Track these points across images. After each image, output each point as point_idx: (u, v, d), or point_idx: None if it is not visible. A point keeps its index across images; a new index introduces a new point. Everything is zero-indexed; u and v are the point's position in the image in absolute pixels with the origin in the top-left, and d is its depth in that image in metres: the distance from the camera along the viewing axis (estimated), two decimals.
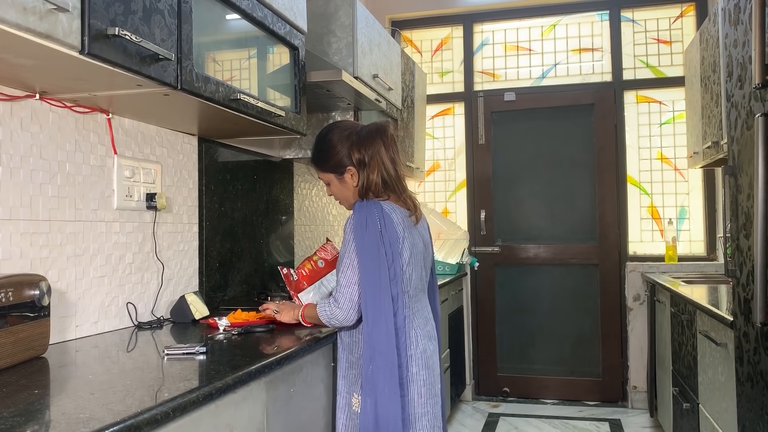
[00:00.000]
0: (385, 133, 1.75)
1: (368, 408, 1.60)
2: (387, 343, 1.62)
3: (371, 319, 1.62)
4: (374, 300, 1.62)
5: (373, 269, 1.62)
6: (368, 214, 1.66)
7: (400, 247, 1.69)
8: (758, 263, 1.53)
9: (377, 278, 1.62)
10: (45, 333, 1.43)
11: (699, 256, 4.09)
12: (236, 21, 1.87)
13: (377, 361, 1.61)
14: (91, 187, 1.77)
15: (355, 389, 1.72)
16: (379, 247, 1.63)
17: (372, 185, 1.72)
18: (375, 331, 1.62)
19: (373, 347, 1.61)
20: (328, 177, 1.80)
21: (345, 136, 1.76)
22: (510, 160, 4.41)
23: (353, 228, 1.66)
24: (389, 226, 1.67)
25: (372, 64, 2.85)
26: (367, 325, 1.63)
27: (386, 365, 1.61)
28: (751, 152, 1.65)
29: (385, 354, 1.61)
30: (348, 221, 1.69)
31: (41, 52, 1.20)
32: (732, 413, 1.99)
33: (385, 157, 1.72)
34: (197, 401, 1.15)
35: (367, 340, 1.62)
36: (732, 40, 1.81)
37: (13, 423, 0.96)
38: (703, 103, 3.32)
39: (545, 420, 3.84)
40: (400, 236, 1.70)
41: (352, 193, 1.78)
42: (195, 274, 2.23)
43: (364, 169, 1.73)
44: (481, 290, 4.42)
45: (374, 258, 1.62)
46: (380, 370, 1.61)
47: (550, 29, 4.39)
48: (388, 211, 1.70)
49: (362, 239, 1.63)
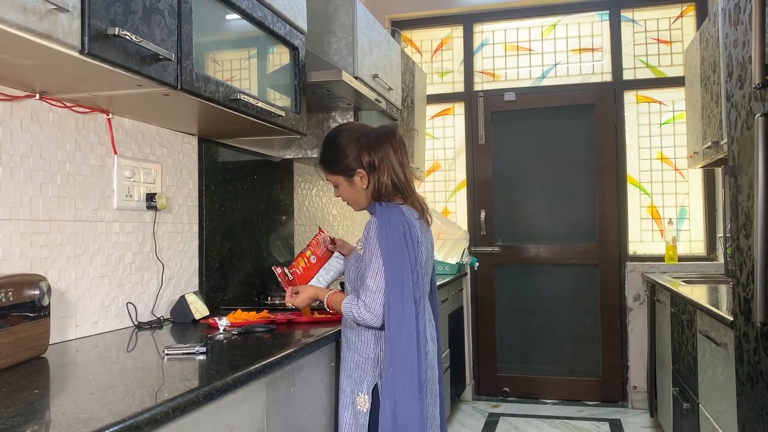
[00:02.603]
0: (394, 136, 1.76)
1: (388, 410, 1.62)
2: (409, 346, 1.64)
3: (393, 322, 1.63)
4: (398, 303, 1.64)
5: (397, 273, 1.64)
6: (391, 217, 1.67)
7: (418, 250, 1.71)
8: (758, 263, 1.53)
9: (401, 282, 1.64)
10: (45, 333, 1.43)
11: (699, 256, 4.09)
12: (236, 21, 1.87)
13: (399, 364, 1.63)
14: (91, 187, 1.77)
15: (360, 389, 1.72)
16: (403, 251, 1.65)
17: (383, 188, 1.73)
18: (397, 334, 1.63)
19: (395, 350, 1.63)
20: (337, 179, 1.81)
21: (354, 139, 1.76)
22: (510, 160, 4.40)
23: (378, 232, 1.67)
24: (411, 228, 1.70)
25: (372, 64, 2.85)
26: (389, 328, 1.64)
27: (407, 368, 1.63)
28: (751, 152, 1.65)
29: (407, 357, 1.63)
30: (370, 225, 1.70)
31: (41, 52, 1.20)
32: (732, 413, 1.99)
33: (394, 160, 1.74)
34: (197, 401, 1.15)
35: (388, 342, 1.64)
36: (732, 40, 1.81)
37: (13, 423, 0.96)
38: (703, 103, 3.32)
39: (545, 420, 3.84)
40: (419, 239, 1.72)
41: (361, 196, 1.80)
42: (195, 274, 2.23)
43: (374, 172, 1.74)
44: (481, 290, 4.42)
45: (399, 262, 1.64)
46: (401, 373, 1.62)
47: (550, 29, 4.39)
48: (407, 214, 1.72)
49: (387, 243, 1.65)
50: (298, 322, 1.95)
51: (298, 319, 1.97)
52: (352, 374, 1.75)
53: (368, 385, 1.71)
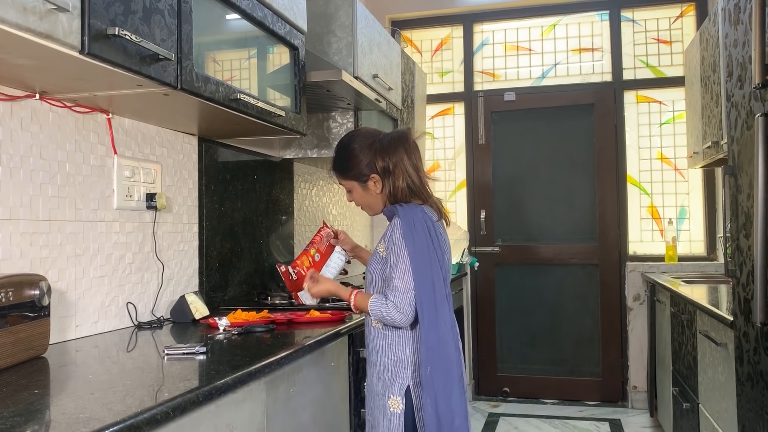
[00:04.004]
0: (407, 141, 1.77)
1: (430, 408, 1.63)
2: (445, 344, 1.66)
3: (428, 321, 1.64)
4: (430, 303, 1.65)
5: (426, 273, 1.65)
6: (415, 217, 1.69)
7: (441, 249, 1.73)
8: (758, 263, 1.53)
9: (431, 281, 1.65)
10: (45, 333, 1.43)
11: (699, 256, 4.09)
12: (236, 21, 1.87)
13: (435, 362, 1.64)
14: (91, 187, 1.77)
15: (392, 391, 1.71)
16: (429, 250, 1.66)
17: (399, 192, 1.75)
18: (432, 334, 1.64)
19: (431, 349, 1.64)
20: (351, 185, 1.82)
21: (367, 144, 1.78)
22: (510, 160, 4.41)
23: (403, 232, 1.67)
24: (435, 227, 1.72)
25: (372, 64, 2.85)
26: (423, 328, 1.64)
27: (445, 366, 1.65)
28: (751, 152, 1.65)
29: (444, 355, 1.66)
30: (394, 226, 1.70)
31: (41, 52, 1.20)
32: (732, 413, 1.99)
33: (408, 164, 1.75)
34: (197, 401, 1.15)
35: (425, 342, 1.64)
36: (732, 40, 1.81)
37: (13, 423, 0.96)
38: (703, 103, 3.32)
39: (545, 420, 3.84)
40: (441, 238, 1.75)
41: (376, 200, 1.81)
42: (195, 274, 2.23)
43: (389, 176, 1.75)
44: (481, 290, 4.42)
45: (426, 261, 1.65)
46: (439, 371, 1.64)
47: (550, 29, 4.39)
48: (429, 214, 1.74)
49: (413, 243, 1.66)
50: (298, 322, 1.95)
51: (298, 319, 1.96)
52: (383, 377, 1.74)
53: (400, 387, 1.70)
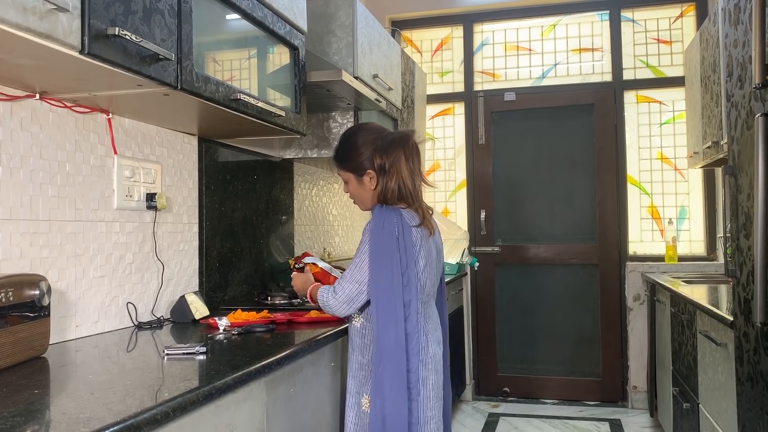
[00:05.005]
0: (408, 143, 1.78)
1: (377, 408, 1.64)
2: (397, 347, 1.65)
3: (381, 323, 1.65)
4: (386, 305, 1.66)
5: (385, 274, 1.66)
6: (387, 219, 1.69)
7: (416, 254, 1.72)
8: (758, 263, 1.53)
9: (390, 284, 1.65)
10: (45, 333, 1.43)
11: (699, 256, 4.09)
12: (236, 21, 1.87)
13: (386, 364, 1.64)
14: (91, 187, 1.77)
15: (364, 390, 1.74)
16: (393, 253, 1.66)
17: (388, 192, 1.76)
18: (384, 335, 1.65)
19: (382, 350, 1.65)
20: (348, 176, 1.84)
21: (370, 140, 1.79)
22: (510, 160, 4.40)
23: (370, 231, 1.70)
24: (407, 233, 1.71)
25: (372, 64, 2.84)
26: (377, 329, 1.66)
27: (395, 368, 1.65)
28: (751, 152, 1.65)
29: (394, 357, 1.65)
30: (366, 226, 1.73)
31: (41, 52, 1.20)
32: (732, 413, 1.99)
33: (404, 166, 1.76)
34: (197, 401, 1.15)
35: (376, 343, 1.66)
36: (732, 40, 1.81)
37: (13, 423, 0.96)
38: (703, 103, 3.32)
39: (545, 420, 3.84)
40: (417, 244, 1.73)
41: (368, 196, 1.82)
42: (195, 274, 2.23)
43: (384, 175, 1.76)
44: (481, 290, 4.42)
45: (387, 263, 1.66)
46: (388, 373, 1.64)
47: (550, 29, 4.39)
48: (407, 218, 1.73)
49: (377, 243, 1.67)
50: (298, 322, 1.96)
51: (298, 319, 1.97)
52: (357, 375, 1.77)
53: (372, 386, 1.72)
